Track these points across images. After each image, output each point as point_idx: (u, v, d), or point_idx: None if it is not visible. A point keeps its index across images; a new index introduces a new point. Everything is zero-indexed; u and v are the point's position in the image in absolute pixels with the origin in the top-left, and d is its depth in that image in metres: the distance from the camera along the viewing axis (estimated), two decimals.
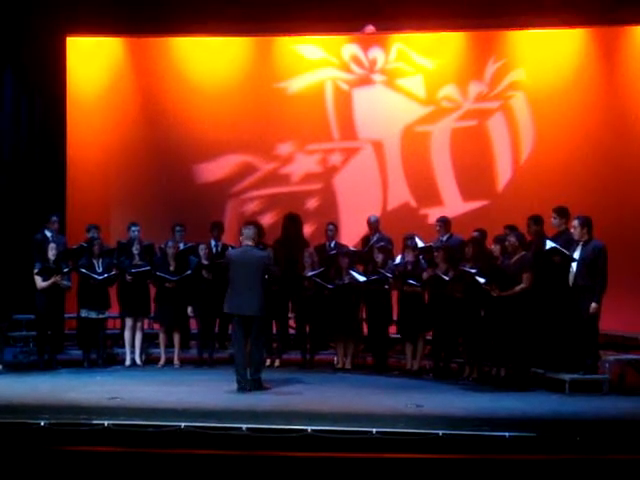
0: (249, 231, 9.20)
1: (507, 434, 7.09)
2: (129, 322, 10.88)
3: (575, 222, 9.22)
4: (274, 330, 10.77)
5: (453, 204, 13.09)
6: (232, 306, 9.03)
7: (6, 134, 12.93)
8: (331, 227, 11.58)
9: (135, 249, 10.90)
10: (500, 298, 9.16)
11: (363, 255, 11.18)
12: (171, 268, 10.74)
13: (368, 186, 13.40)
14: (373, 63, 13.48)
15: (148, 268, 10.75)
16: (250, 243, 9.14)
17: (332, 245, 11.46)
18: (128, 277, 10.74)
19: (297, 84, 13.62)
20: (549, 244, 9.19)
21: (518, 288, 9.10)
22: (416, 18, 12.68)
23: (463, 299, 9.65)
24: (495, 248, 9.60)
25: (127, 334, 10.86)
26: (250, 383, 8.90)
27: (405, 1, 12.43)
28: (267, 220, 12.87)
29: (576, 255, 9.11)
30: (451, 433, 7.11)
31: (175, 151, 13.48)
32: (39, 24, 12.72)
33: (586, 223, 9.16)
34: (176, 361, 10.81)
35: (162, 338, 10.90)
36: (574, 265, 9.11)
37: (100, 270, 10.73)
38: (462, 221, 12.01)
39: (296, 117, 13.57)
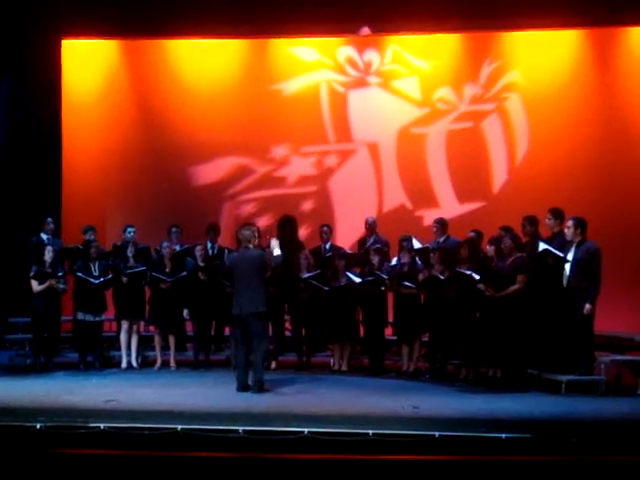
0: (246, 233, 9.25)
1: (503, 435, 7.10)
2: (125, 325, 10.87)
3: (569, 223, 9.23)
4: (270, 332, 10.76)
5: (449, 206, 13.11)
6: (234, 307, 9.10)
7: (2, 136, 12.92)
8: (325, 229, 11.59)
9: (129, 251, 10.89)
10: (495, 299, 9.17)
11: (359, 257, 11.18)
12: (167, 269, 10.74)
13: (363, 188, 13.41)
14: (368, 65, 13.50)
15: (144, 268, 10.76)
16: (248, 245, 9.18)
17: (327, 247, 11.47)
18: (124, 278, 10.73)
19: (292, 86, 13.63)
20: (541, 246, 9.21)
21: (512, 289, 9.11)
22: (411, 20, 12.68)
23: (459, 300, 9.65)
24: (490, 249, 9.61)
25: (123, 337, 10.85)
26: (254, 385, 8.91)
27: (400, 3, 12.45)
28: (263, 222, 12.83)
29: (570, 256, 9.13)
30: (447, 434, 7.12)
31: (170, 153, 13.48)
32: (35, 27, 12.73)
33: (580, 224, 9.18)
34: (172, 363, 10.81)
35: (158, 340, 10.90)
36: (568, 266, 9.14)
37: (97, 273, 10.72)
38: (458, 223, 12.00)
39: (291, 119, 13.58)
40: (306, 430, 7.18)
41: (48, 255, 10.53)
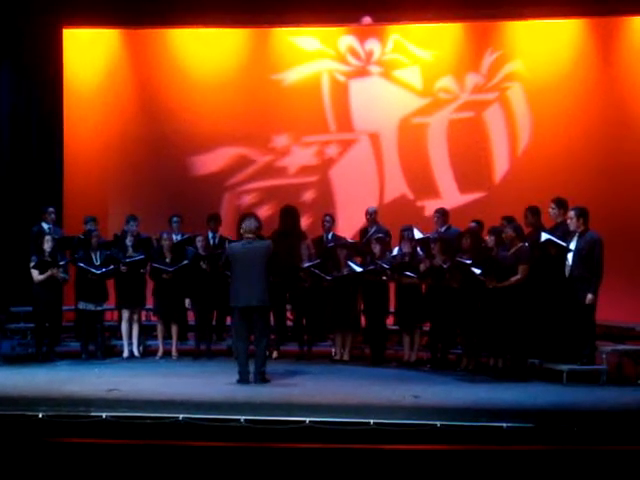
0: (249, 223, 9.16)
1: (505, 425, 7.11)
2: (126, 314, 10.88)
3: (571, 213, 9.22)
4: (272, 322, 10.76)
5: (450, 196, 13.08)
6: (238, 298, 8.98)
7: (4, 126, 12.91)
8: (328, 218, 11.57)
9: (129, 241, 10.90)
10: (497, 289, 9.17)
11: (361, 247, 11.18)
12: (167, 260, 10.74)
13: (365, 178, 13.38)
14: (370, 54, 13.46)
15: (142, 257, 10.76)
16: (251, 236, 9.12)
17: (329, 237, 11.45)
18: (123, 267, 10.72)
19: (293, 76, 13.59)
20: (544, 236, 9.21)
21: (513, 279, 9.11)
22: (413, 9, 12.66)
23: (460, 290, 9.65)
24: (490, 239, 9.61)
25: (124, 326, 10.87)
26: (255, 376, 8.91)
27: None
28: (264, 212, 12.83)
29: (572, 246, 9.13)
30: (449, 424, 7.13)
31: (172, 143, 13.46)
32: (36, 16, 12.69)
33: (582, 214, 9.17)
34: (174, 353, 10.82)
35: (160, 330, 10.90)
36: (570, 256, 9.13)
37: (98, 263, 10.72)
38: (459, 213, 12.01)
39: (292, 109, 13.55)
40: (307, 419, 7.20)
41: (47, 244, 10.53)
